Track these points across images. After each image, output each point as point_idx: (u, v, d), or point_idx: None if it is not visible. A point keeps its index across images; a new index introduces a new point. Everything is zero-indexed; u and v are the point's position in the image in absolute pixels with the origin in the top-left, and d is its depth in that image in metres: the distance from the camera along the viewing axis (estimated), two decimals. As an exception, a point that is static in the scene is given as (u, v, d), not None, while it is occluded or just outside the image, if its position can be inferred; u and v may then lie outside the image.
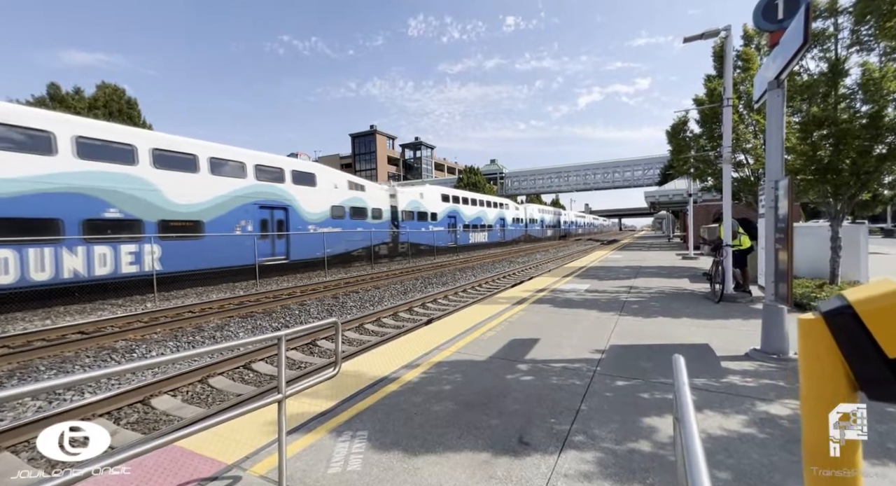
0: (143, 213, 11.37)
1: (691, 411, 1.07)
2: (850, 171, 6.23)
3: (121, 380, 5.14)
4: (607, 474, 2.21)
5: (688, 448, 0.86)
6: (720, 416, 2.85)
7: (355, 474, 2.28)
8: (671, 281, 9.66)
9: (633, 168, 52.13)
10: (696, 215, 20.09)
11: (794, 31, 3.14)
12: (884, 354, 0.71)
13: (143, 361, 1.53)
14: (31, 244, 9.25)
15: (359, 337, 7.04)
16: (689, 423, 1.00)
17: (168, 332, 7.51)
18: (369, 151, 65.68)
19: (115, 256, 10.82)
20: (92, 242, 10.36)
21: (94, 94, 25.28)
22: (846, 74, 6.04)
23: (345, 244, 18.43)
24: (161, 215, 11.74)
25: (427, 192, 26.09)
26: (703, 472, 0.79)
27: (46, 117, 9.98)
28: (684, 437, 0.93)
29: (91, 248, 10.34)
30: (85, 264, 10.24)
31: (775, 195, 3.89)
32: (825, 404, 0.81)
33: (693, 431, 0.93)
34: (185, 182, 12.42)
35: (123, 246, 10.94)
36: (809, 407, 0.83)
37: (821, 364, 0.80)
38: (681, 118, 13.49)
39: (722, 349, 4.37)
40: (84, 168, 10.29)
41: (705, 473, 0.79)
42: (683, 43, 7.42)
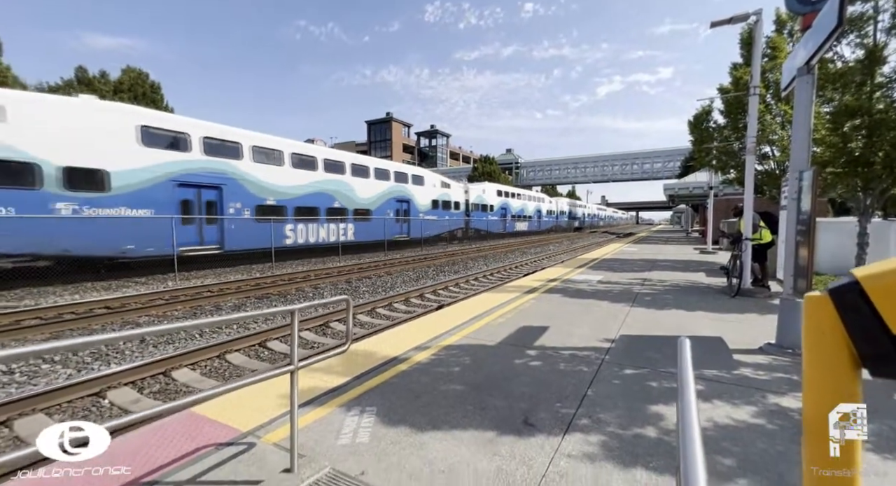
0: (347, 204, 18.21)
1: (692, 392, 1.06)
2: (882, 164, 5.96)
3: (144, 353, 5.38)
4: (611, 456, 2.24)
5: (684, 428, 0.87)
6: (729, 406, 2.83)
7: (363, 445, 2.36)
8: (687, 275, 9.49)
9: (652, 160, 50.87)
10: (717, 209, 19.56)
11: (827, 12, 2.99)
12: (889, 330, 0.71)
13: (163, 325, 1.61)
14: (308, 222, 16.38)
15: (371, 320, 7.17)
16: (688, 404, 0.99)
17: (188, 309, 7.78)
18: (385, 139, 65.67)
19: (337, 230, 17.66)
20: (329, 221, 17.28)
21: (119, 77, 25.83)
22: (884, 62, 5.73)
23: (437, 228, 24.74)
24: (354, 205, 18.55)
25: (487, 188, 32.52)
26: (697, 452, 0.78)
27: (316, 150, 17.44)
28: (682, 417, 0.93)
29: (328, 225, 17.29)
30: (326, 234, 17.25)
31: (799, 186, 3.77)
32: (827, 380, 0.81)
33: (692, 412, 0.92)
34: (364, 184, 19.20)
35: (341, 224, 17.85)
36: (811, 383, 0.84)
37: (824, 341, 0.80)
38: (704, 108, 13.05)
39: (735, 343, 4.31)
40: (326, 177, 17.19)
41: (700, 454, 0.79)
42: (710, 27, 7.13)
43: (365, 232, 18.96)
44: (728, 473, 2.09)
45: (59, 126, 9.81)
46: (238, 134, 14.11)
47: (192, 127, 12.65)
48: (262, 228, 13.90)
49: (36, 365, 4.87)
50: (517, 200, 37.52)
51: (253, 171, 14.26)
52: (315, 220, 16.55)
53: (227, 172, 13.37)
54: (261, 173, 14.51)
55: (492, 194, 32.72)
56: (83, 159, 10.18)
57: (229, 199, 13.45)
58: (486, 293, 7.42)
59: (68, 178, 9.92)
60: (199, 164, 12.63)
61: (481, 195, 30.92)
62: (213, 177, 12.95)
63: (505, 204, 34.80)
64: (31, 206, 9.24)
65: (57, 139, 9.73)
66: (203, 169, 12.71)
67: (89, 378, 4.13)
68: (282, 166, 15.38)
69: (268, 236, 13.57)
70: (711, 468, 2.12)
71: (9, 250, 9.24)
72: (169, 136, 12.05)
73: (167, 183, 11.79)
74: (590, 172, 55.27)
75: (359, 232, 18.66)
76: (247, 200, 14.03)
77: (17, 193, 9.13)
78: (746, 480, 2.03)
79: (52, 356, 5.11)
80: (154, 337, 5.94)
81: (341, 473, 2.12)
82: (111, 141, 10.70)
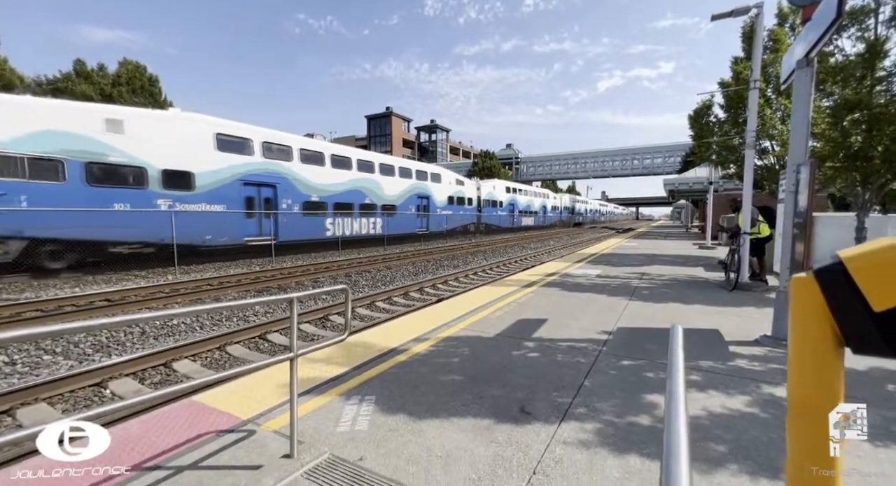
0: (376, 200, 20.03)
1: (681, 379, 1.07)
2: (881, 158, 5.96)
3: (145, 345, 5.42)
4: (606, 443, 2.28)
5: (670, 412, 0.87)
6: (724, 396, 2.87)
7: (362, 433, 2.40)
8: (685, 269, 9.53)
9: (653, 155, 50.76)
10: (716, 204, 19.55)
11: (827, 4, 2.99)
12: (870, 308, 0.73)
13: (162, 311, 1.63)
14: (344, 216, 18.15)
15: (370, 314, 7.20)
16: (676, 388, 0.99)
17: (188, 302, 7.81)
18: (384, 134, 65.40)
19: (368, 224, 19.64)
20: (362, 216, 19.16)
21: (116, 70, 25.67)
22: (885, 56, 5.72)
23: (453, 222, 26.72)
24: (382, 202, 20.40)
25: (497, 185, 33.89)
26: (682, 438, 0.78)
27: (350, 151, 19.23)
28: (669, 401, 0.94)
29: (361, 219, 19.18)
30: (359, 227, 19.16)
31: (797, 180, 3.78)
32: (812, 359, 0.84)
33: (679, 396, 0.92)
34: (390, 182, 20.87)
35: (371, 219, 19.80)
36: (796, 362, 0.86)
37: (809, 321, 0.82)
38: (704, 102, 13.01)
39: (732, 335, 4.35)
40: (359, 176, 18.93)
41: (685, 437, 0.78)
42: (711, 20, 7.10)
43: (391, 226, 20.92)
44: (720, 459, 2.12)
45: (157, 135, 11.73)
46: (289, 138, 15.93)
47: (254, 133, 14.50)
48: (308, 221, 16.31)
49: (38, 357, 4.91)
50: (524, 196, 38.94)
51: (301, 171, 15.98)
52: (350, 214, 18.56)
53: (280, 172, 15.14)
54: (307, 173, 16.26)
55: (501, 191, 34.12)
56: (176, 163, 12.10)
57: (282, 196, 15.24)
58: (485, 287, 7.46)
59: (165, 179, 11.85)
60: (260, 165, 14.47)
61: (491, 192, 32.37)
62: (269, 176, 14.75)
63: (513, 200, 36.20)
64: (140, 202, 11.27)
65: (157, 146, 11.65)
66: (262, 170, 14.53)
67: (91, 369, 4.16)
68: (323, 167, 17.13)
69: (313, 228, 16.55)
70: (705, 455, 2.16)
71: (126, 238, 11.28)
72: (237, 141, 13.93)
73: (235, 182, 13.68)
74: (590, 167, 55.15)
75: (387, 225, 20.63)
76: (296, 196, 15.81)
77: (131, 191, 11.18)
78: (738, 465, 2.07)
79: (53, 347, 5.14)
80: (155, 329, 5.98)
81: (340, 459, 2.15)
82: (194, 147, 12.65)
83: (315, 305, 7.21)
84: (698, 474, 2.01)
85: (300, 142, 16.39)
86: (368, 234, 19.49)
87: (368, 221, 19.63)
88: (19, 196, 9.35)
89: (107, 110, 11.17)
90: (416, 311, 6.06)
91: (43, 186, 9.72)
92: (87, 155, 10.41)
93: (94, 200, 10.47)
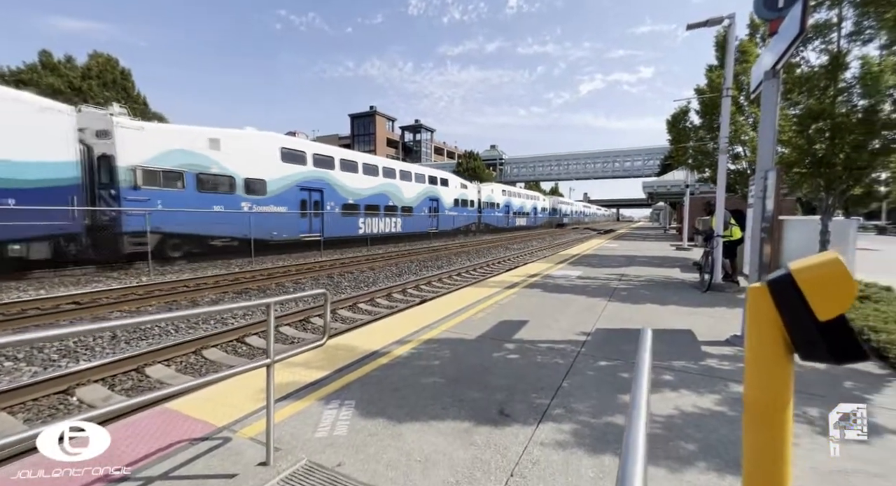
0: (397, 202, 23.06)
1: (645, 382, 1.07)
2: (843, 165, 6.26)
3: (115, 349, 5.23)
4: (582, 443, 2.33)
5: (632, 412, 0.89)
6: (695, 395, 2.97)
7: (341, 438, 2.38)
8: (662, 270, 9.79)
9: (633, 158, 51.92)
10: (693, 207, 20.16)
11: (791, 20, 3.13)
12: (815, 317, 0.78)
13: (134, 318, 1.58)
14: (372, 217, 21.02)
15: (352, 315, 7.14)
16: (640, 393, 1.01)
17: (163, 305, 7.58)
18: (368, 133, 64.89)
19: (391, 223, 22.60)
20: (386, 216, 22.11)
21: (86, 63, 24.67)
22: (846, 68, 6.01)
23: (458, 222, 30.04)
24: (402, 204, 23.45)
25: (495, 188, 37.17)
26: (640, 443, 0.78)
27: (377, 160, 22.53)
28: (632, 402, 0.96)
29: (385, 219, 22.08)
30: (384, 226, 22.02)
31: (765, 186, 3.94)
32: (765, 364, 0.89)
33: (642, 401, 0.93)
34: (408, 187, 24.00)
35: (393, 219, 22.74)
36: (751, 367, 0.91)
37: (763, 328, 0.87)
38: (681, 108, 13.41)
39: (704, 335, 4.50)
40: (384, 181, 21.96)
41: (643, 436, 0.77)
42: (686, 30, 7.33)
43: (408, 225, 23.93)
44: (690, 457, 2.20)
45: (241, 150, 14.53)
46: (332, 150, 19.16)
47: (307, 147, 17.56)
48: (345, 220, 19.40)
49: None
50: (518, 199, 42.23)
51: (341, 177, 18.96)
52: (377, 215, 21.43)
53: (325, 178, 18.04)
54: (345, 179, 19.25)
55: (498, 194, 37.32)
56: (255, 172, 14.98)
57: (327, 199, 18.19)
58: (468, 288, 7.49)
59: (247, 186, 14.71)
60: (311, 173, 17.32)
61: (490, 194, 35.49)
62: (318, 182, 17.67)
63: (508, 202, 39.47)
64: (231, 205, 14.09)
65: (241, 159, 14.47)
66: (313, 177, 17.41)
67: (56, 375, 3.99)
68: (356, 174, 20.06)
69: (349, 227, 19.61)
70: (676, 453, 2.24)
71: (222, 233, 13.88)
72: (295, 153, 16.75)
73: (294, 188, 16.58)
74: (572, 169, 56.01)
75: (405, 225, 23.71)
76: (337, 199, 18.73)
77: (225, 196, 13.97)
78: (706, 462, 2.15)
79: (14, 353, 4.91)
80: (126, 333, 5.77)
81: (318, 465, 2.13)
82: (266, 159, 15.50)
83: (295, 307, 7.10)
84: (669, 472, 2.07)
85: (340, 153, 19.63)
86: (391, 232, 22.52)
87: (391, 220, 22.64)
88: (157, 201, 11.95)
89: (210, 132, 13.78)
90: (399, 313, 6.04)
91: (171, 193, 12.40)
92: (197, 168, 13.18)
93: (202, 203, 13.15)
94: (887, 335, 3.78)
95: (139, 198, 11.55)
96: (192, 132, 13.27)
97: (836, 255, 0.79)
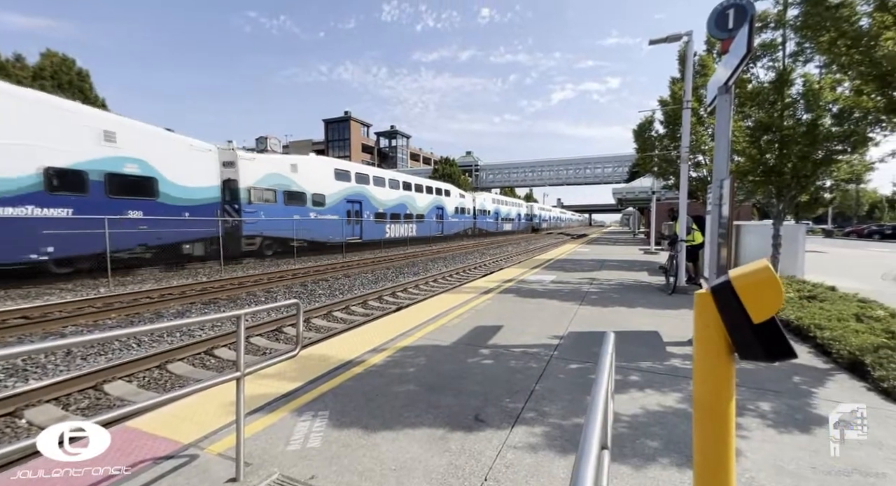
0: (413, 211, 27.43)
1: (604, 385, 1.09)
2: (791, 174, 6.75)
3: (70, 366, 4.92)
4: (553, 445, 2.39)
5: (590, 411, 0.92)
6: (659, 394, 3.10)
7: (314, 450, 2.35)
8: (631, 274, 10.16)
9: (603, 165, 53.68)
10: (659, 212, 21.05)
11: (739, 41, 3.38)
12: (751, 320, 0.87)
13: (90, 335, 1.52)
14: (394, 223, 25.46)
15: (327, 324, 7.02)
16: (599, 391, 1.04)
17: (123, 317, 7.20)
18: (343, 138, 64.18)
19: (408, 228, 26.79)
20: (405, 222, 26.46)
21: (38, 62, 23.28)
22: (791, 84, 6.51)
23: (458, 227, 34.69)
24: (415, 212, 27.77)
25: (486, 197, 42.31)
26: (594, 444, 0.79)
27: (400, 175, 27.51)
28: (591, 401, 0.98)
29: (404, 225, 26.34)
30: (403, 231, 26.17)
31: (720, 194, 4.19)
32: (711, 363, 0.96)
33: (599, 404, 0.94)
34: (421, 197, 28.70)
35: (410, 225, 26.98)
36: (699, 367, 0.98)
37: (708, 331, 0.95)
38: (647, 118, 14.05)
39: (669, 336, 4.70)
40: (404, 193, 26.54)
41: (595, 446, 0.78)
42: (649, 45, 7.73)
43: (420, 230, 28.03)
44: (653, 454, 2.30)
45: (309, 171, 18.70)
46: (368, 169, 24.16)
47: (351, 167, 22.41)
48: (376, 226, 23.59)
49: (-64, 385, 4.31)
50: (505, 206, 47.19)
51: (374, 191, 23.38)
52: (398, 221, 25.85)
53: (363, 192, 22.44)
54: (377, 192, 23.68)
55: (489, 201, 42.22)
56: (318, 188, 19.04)
57: (365, 209, 22.59)
58: (444, 294, 7.52)
59: (314, 199, 18.78)
60: (354, 188, 21.76)
61: (483, 203, 40.37)
62: (358, 195, 22.05)
63: (497, 209, 44.29)
64: (303, 214, 18.00)
65: (309, 179, 18.54)
66: (355, 191, 21.82)
67: (1, 397, 3.72)
68: (384, 188, 24.52)
69: (379, 231, 23.69)
70: (641, 451, 2.33)
71: (298, 237, 17.07)
72: (344, 172, 21.21)
73: (343, 200, 20.89)
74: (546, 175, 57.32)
75: (418, 230, 27.79)
76: (371, 209, 23.12)
77: (299, 208, 17.81)
78: (668, 458, 2.25)
79: (-44, 374, 4.54)
80: (83, 349, 5.45)
81: (290, 478, 2.09)
82: (325, 177, 19.78)
83: (268, 317, 6.91)
84: (633, 469, 2.16)
85: (373, 171, 24.50)
86: (407, 236, 26.57)
87: (408, 226, 26.89)
88: (260, 213, 15.90)
89: (291, 158, 18.04)
90: (375, 320, 5.99)
91: (268, 206, 16.34)
92: (284, 186, 17.09)
93: (287, 214, 17.06)
94: (831, 332, 4.08)
95: (251, 210, 15.52)
96: (282, 159, 17.63)
97: (766, 263, 0.88)
